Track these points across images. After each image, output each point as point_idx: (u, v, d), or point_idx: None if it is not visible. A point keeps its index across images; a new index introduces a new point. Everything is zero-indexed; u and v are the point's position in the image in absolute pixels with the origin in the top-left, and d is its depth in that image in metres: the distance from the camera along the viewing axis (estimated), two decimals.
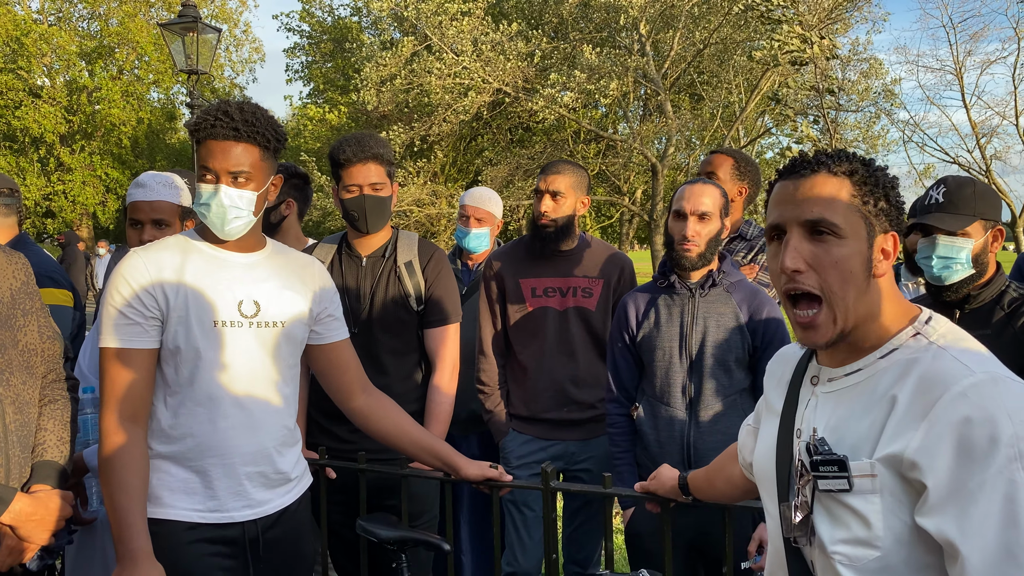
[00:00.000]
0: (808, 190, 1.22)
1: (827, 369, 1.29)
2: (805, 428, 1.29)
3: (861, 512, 1.16)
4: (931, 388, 1.12)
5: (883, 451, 1.14)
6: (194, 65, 9.21)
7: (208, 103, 2.00)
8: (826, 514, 1.21)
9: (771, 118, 21.74)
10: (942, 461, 1.07)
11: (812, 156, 1.25)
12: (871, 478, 1.15)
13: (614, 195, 23.23)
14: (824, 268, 1.19)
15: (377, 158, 2.58)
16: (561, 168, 2.88)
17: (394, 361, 2.43)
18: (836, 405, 1.25)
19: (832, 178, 1.22)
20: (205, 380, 1.87)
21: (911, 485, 1.12)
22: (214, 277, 1.91)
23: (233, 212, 1.87)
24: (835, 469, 1.18)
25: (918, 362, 1.16)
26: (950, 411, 1.08)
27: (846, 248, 1.19)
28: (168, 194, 2.47)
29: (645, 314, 2.56)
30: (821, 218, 1.19)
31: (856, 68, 18.55)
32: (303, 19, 29.40)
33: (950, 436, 1.07)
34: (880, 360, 1.21)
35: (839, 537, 1.19)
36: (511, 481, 2.23)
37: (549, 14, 19.87)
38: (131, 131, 28.03)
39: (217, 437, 1.88)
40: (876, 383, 1.20)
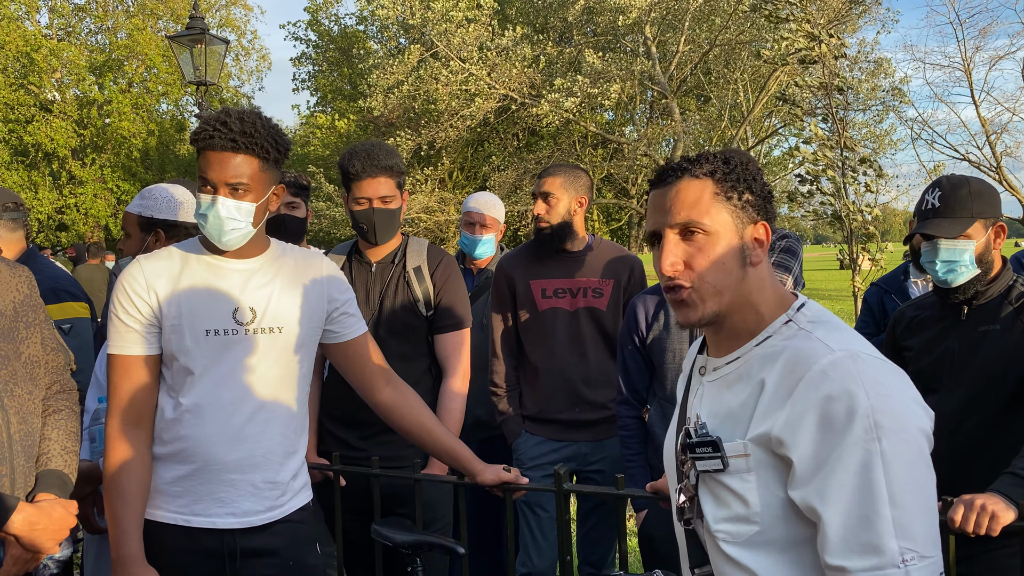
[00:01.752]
0: (675, 196, 1.29)
1: (712, 359, 1.36)
2: (692, 416, 1.36)
3: (738, 491, 1.22)
4: (795, 369, 1.18)
5: (754, 431, 1.21)
6: (202, 76, 9.27)
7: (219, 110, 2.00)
8: (709, 495, 1.28)
9: (779, 118, 21.69)
10: (805, 436, 1.14)
11: (675, 163, 1.33)
12: (744, 457, 1.21)
13: (622, 198, 23.22)
14: (697, 264, 1.27)
15: (387, 171, 2.59)
16: (553, 171, 2.92)
17: (403, 366, 2.43)
18: (717, 392, 1.32)
19: (695, 181, 1.29)
20: (194, 387, 1.89)
21: (781, 461, 1.18)
22: (210, 285, 1.92)
23: (230, 224, 1.87)
24: (709, 450, 1.25)
25: (786, 347, 1.23)
26: (811, 389, 1.15)
27: (717, 244, 1.26)
28: (132, 205, 2.54)
29: (655, 316, 2.56)
30: (689, 220, 1.27)
31: (864, 68, 18.49)
32: (310, 28, 29.56)
33: (812, 412, 1.14)
34: (756, 348, 1.28)
35: (721, 516, 1.25)
36: (526, 484, 2.23)
37: (554, 19, 19.90)
38: (141, 143, 28.20)
39: (202, 444, 1.88)
40: (750, 369, 1.27)
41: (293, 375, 2.01)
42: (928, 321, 2.28)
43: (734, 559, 1.23)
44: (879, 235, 7.82)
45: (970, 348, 2.14)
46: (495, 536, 3.45)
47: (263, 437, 1.94)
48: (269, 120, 1.93)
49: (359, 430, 2.67)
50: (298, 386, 2.04)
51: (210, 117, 1.88)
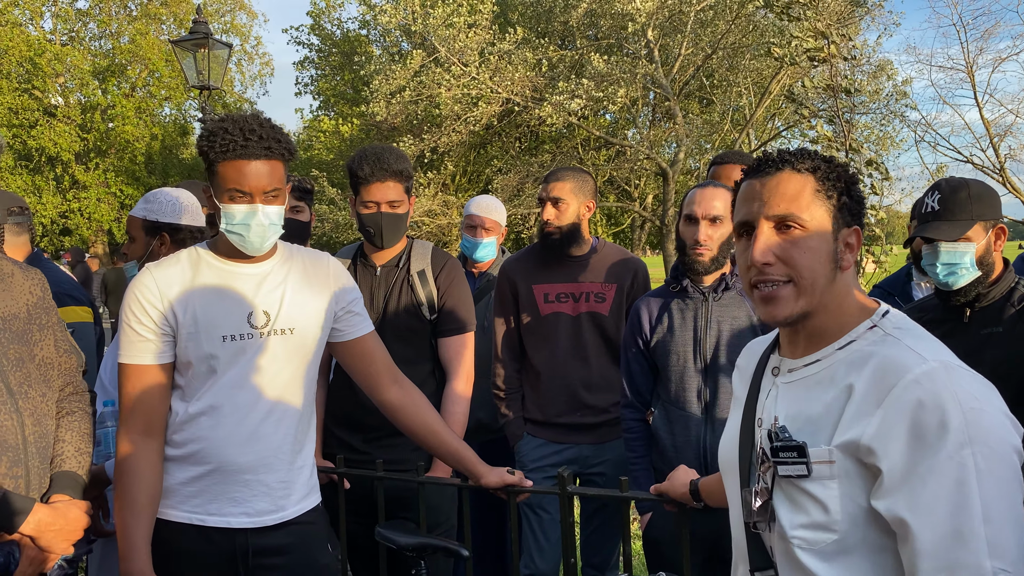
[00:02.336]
0: (774, 187, 1.27)
1: (788, 360, 1.34)
2: (766, 417, 1.33)
3: (819, 497, 1.19)
4: (886, 376, 1.16)
5: (841, 438, 1.18)
6: (206, 81, 9.29)
7: (220, 116, 1.99)
8: (786, 500, 1.25)
9: (782, 120, 21.68)
10: (896, 445, 1.11)
11: (776, 154, 1.30)
12: (829, 464, 1.19)
13: (625, 201, 23.22)
14: (793, 259, 1.24)
15: (397, 175, 2.59)
16: (561, 175, 2.91)
17: (406, 370, 2.43)
18: (796, 394, 1.29)
19: (796, 175, 1.27)
20: (211, 392, 1.91)
21: (867, 470, 1.16)
22: (223, 291, 1.94)
23: (272, 230, 1.91)
24: (794, 455, 1.22)
25: (874, 353, 1.20)
26: (904, 397, 1.12)
27: (812, 241, 1.24)
28: (137, 209, 2.54)
29: (658, 319, 2.56)
30: (788, 213, 1.25)
31: (866, 70, 18.48)
32: (313, 32, 29.62)
33: (904, 421, 1.11)
34: (839, 351, 1.26)
35: (798, 522, 1.22)
36: (529, 487, 2.24)
37: (556, 22, 19.93)
38: (144, 148, 28.28)
39: (217, 445, 1.90)
40: (834, 373, 1.24)
41: (303, 375, 2.03)
42: (930, 324, 2.27)
43: (807, 567, 1.21)
44: (884, 237, 7.82)
45: (973, 351, 2.14)
46: (499, 539, 3.45)
47: (276, 437, 1.96)
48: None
49: (363, 433, 2.68)
50: (307, 386, 2.06)
51: (228, 125, 1.85)
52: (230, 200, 1.87)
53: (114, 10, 28.77)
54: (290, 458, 2.00)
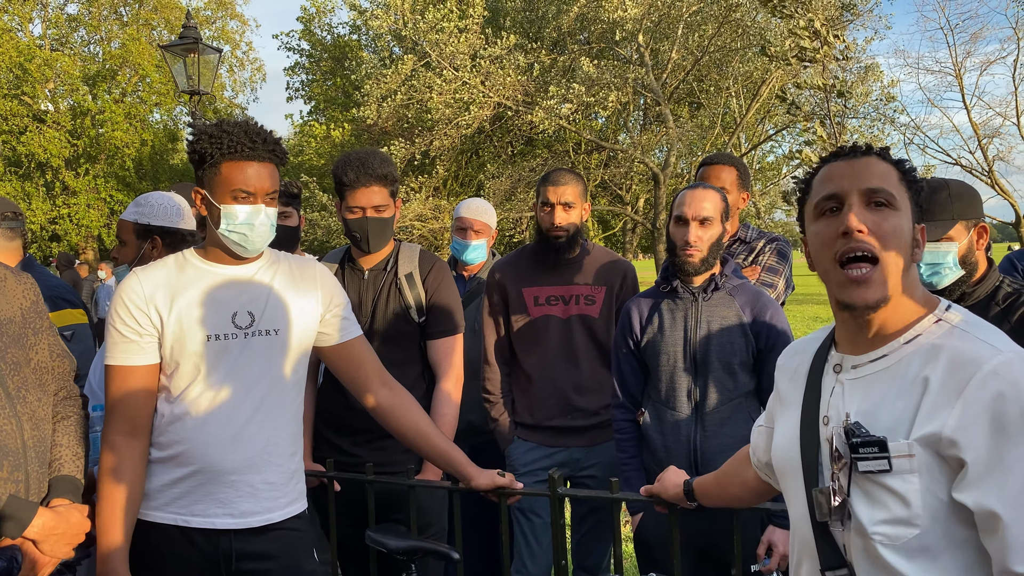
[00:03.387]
0: (864, 166, 1.30)
1: (850, 357, 1.33)
2: (833, 415, 1.32)
3: (900, 492, 1.19)
4: (962, 368, 1.16)
5: (920, 431, 1.18)
6: (196, 86, 9.26)
7: (213, 120, 2.02)
8: (864, 496, 1.24)
9: (772, 123, 21.77)
10: (979, 437, 1.12)
11: (866, 146, 1.34)
12: (909, 458, 1.18)
13: (617, 205, 23.27)
14: (883, 233, 1.26)
15: (381, 180, 2.59)
16: (569, 178, 2.89)
17: (395, 372, 2.44)
18: (867, 390, 1.28)
19: (883, 162, 1.31)
20: (196, 392, 1.92)
21: (947, 463, 1.16)
22: (208, 292, 1.95)
23: (271, 231, 1.96)
24: (875, 450, 1.21)
25: (945, 346, 1.21)
26: (983, 388, 1.13)
27: (901, 219, 1.27)
28: (128, 213, 2.54)
29: (649, 319, 2.57)
30: (881, 187, 1.28)
31: (854, 72, 18.58)
32: (303, 38, 29.61)
33: (985, 412, 1.12)
34: (905, 345, 1.26)
35: (879, 518, 1.21)
36: (520, 489, 2.23)
37: (548, 27, 19.98)
38: (135, 153, 28.20)
39: (201, 446, 1.90)
40: (906, 367, 1.24)
41: (289, 377, 2.03)
42: None
43: (889, 564, 1.20)
44: None
45: None
46: (490, 541, 3.44)
47: (260, 437, 1.96)
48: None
49: (353, 436, 2.67)
50: (294, 388, 2.05)
51: (227, 128, 1.89)
52: (234, 200, 1.90)
53: (104, 16, 28.71)
54: (276, 460, 1.99)
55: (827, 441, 1.31)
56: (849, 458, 1.24)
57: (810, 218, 1.36)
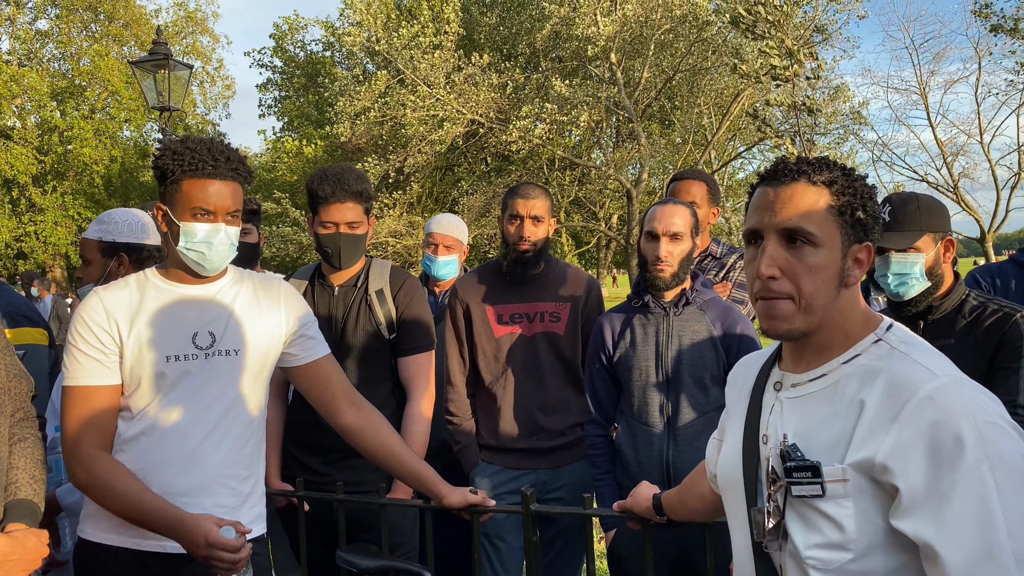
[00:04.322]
0: (788, 198, 1.24)
1: (790, 375, 1.31)
2: (772, 434, 1.30)
3: (834, 517, 1.17)
4: (898, 392, 1.14)
5: (854, 456, 1.15)
6: (166, 102, 9.19)
7: (180, 137, 1.99)
8: (799, 519, 1.22)
9: (742, 141, 22.05)
10: (913, 463, 1.09)
11: (794, 163, 1.27)
12: (843, 483, 1.16)
13: (591, 221, 23.38)
14: (798, 275, 1.22)
15: (356, 196, 2.56)
16: (538, 192, 2.83)
17: (366, 390, 2.42)
18: (804, 411, 1.26)
19: (811, 187, 1.24)
20: (151, 413, 1.88)
21: (883, 488, 1.13)
22: (169, 312, 1.92)
23: (231, 250, 1.93)
24: (809, 475, 1.19)
25: (883, 368, 1.19)
26: (918, 414, 1.10)
27: (820, 257, 1.22)
28: (91, 231, 2.50)
29: (621, 334, 2.57)
30: (798, 227, 1.22)
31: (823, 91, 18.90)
32: (275, 54, 29.54)
33: (920, 439, 1.09)
34: (844, 365, 1.24)
35: (813, 542, 1.20)
36: (493, 506, 2.21)
37: (521, 45, 20.11)
38: (103, 170, 27.85)
39: (154, 467, 1.87)
40: (843, 388, 1.22)
41: (248, 397, 2.00)
42: None
43: None
44: None
45: None
46: (462, 559, 3.40)
47: (214, 460, 1.92)
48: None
49: (322, 455, 2.63)
50: (254, 409, 2.02)
51: (193, 146, 1.86)
52: (193, 218, 1.87)
53: (74, 31, 28.43)
54: (231, 483, 1.95)
55: (766, 460, 1.30)
56: (784, 481, 1.23)
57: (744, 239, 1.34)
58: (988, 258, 24.49)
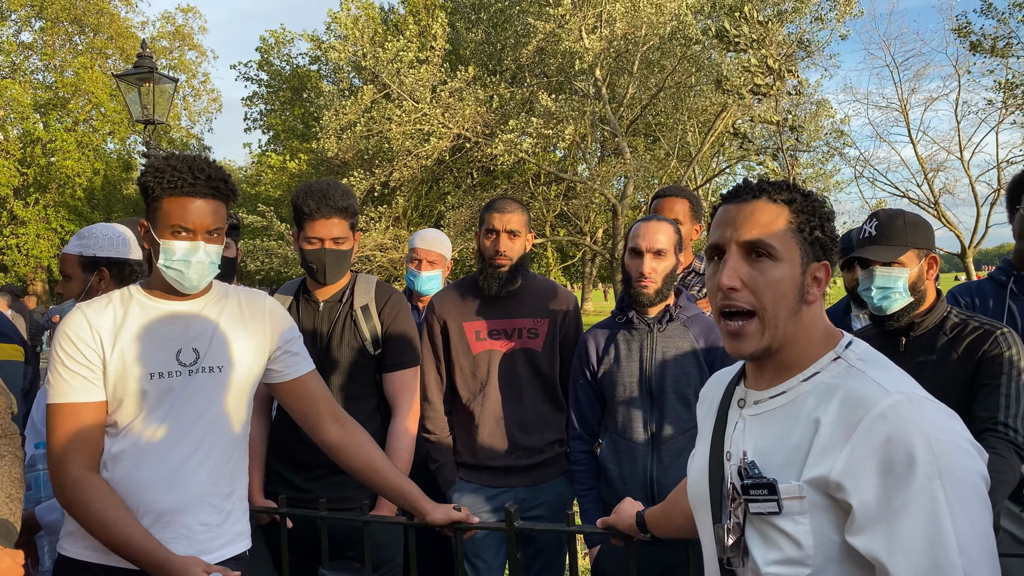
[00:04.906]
0: (749, 214, 1.27)
1: (753, 392, 1.33)
2: (734, 451, 1.32)
3: (791, 533, 1.18)
4: (852, 410, 1.15)
5: (809, 473, 1.17)
6: (150, 115, 9.16)
7: (165, 153, 1.99)
8: (758, 536, 1.24)
9: (726, 158, 22.23)
10: (866, 481, 1.11)
11: (755, 183, 1.30)
12: (799, 500, 1.18)
13: (576, 235, 23.45)
14: (759, 288, 1.25)
15: (342, 212, 2.56)
16: (514, 207, 2.81)
17: (351, 406, 2.40)
18: (763, 428, 1.28)
19: (772, 205, 1.27)
20: (135, 430, 1.87)
21: (838, 504, 1.15)
22: (152, 328, 1.91)
23: (211, 268, 1.91)
24: (765, 493, 1.21)
25: (840, 385, 1.20)
26: (871, 432, 1.12)
27: (780, 271, 1.25)
28: (71, 246, 2.48)
29: (605, 350, 2.58)
30: (759, 240, 1.25)
31: (807, 109, 19.11)
32: (261, 68, 29.53)
33: (872, 456, 1.11)
34: (803, 383, 1.26)
35: (772, 558, 1.21)
36: (477, 523, 2.20)
37: (507, 60, 20.21)
38: (86, 182, 27.67)
39: (137, 485, 1.85)
40: (800, 406, 1.24)
41: (232, 414, 1.99)
42: None
43: None
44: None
45: None
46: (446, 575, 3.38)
47: (197, 478, 1.90)
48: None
49: (306, 471, 2.62)
50: (237, 425, 2.01)
51: (175, 163, 1.86)
52: (172, 236, 1.86)
53: (58, 44, 28.31)
54: (214, 500, 1.94)
55: (728, 476, 1.31)
56: (742, 498, 1.24)
57: (706, 256, 1.36)
58: (969, 273, 24.75)
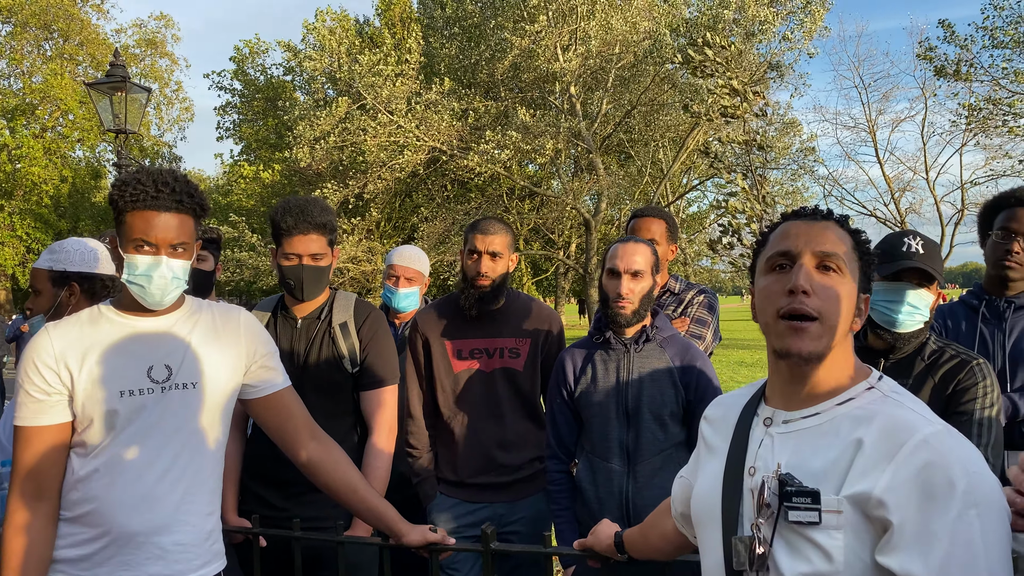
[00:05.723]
0: (821, 230, 1.35)
1: (782, 412, 1.37)
2: (761, 465, 1.34)
3: (824, 546, 1.21)
4: (896, 433, 1.20)
5: (851, 489, 1.20)
6: (122, 125, 9.05)
7: (137, 162, 1.96)
8: (787, 547, 1.26)
9: (697, 175, 22.48)
10: (907, 501, 1.15)
11: (827, 211, 1.40)
12: (837, 514, 1.21)
13: (549, 249, 23.53)
14: (827, 297, 1.31)
15: (320, 228, 2.55)
16: (498, 228, 2.84)
17: (328, 424, 2.39)
18: (797, 444, 1.31)
19: (839, 228, 1.37)
20: (108, 449, 1.85)
21: (873, 524, 1.18)
22: (122, 345, 1.89)
23: (174, 284, 1.88)
24: (808, 501, 1.23)
25: (878, 412, 1.25)
26: (915, 455, 1.16)
27: (845, 286, 1.32)
28: (41, 261, 2.45)
29: (582, 370, 2.59)
30: (834, 252, 1.33)
31: (777, 128, 19.39)
32: (235, 77, 29.35)
33: (915, 479, 1.15)
34: (838, 407, 1.30)
35: (800, 570, 1.23)
36: (452, 544, 2.19)
37: (481, 74, 20.29)
38: (53, 190, 27.22)
39: (110, 506, 1.83)
40: (837, 426, 1.28)
41: (207, 431, 1.97)
42: None
43: None
44: None
45: None
46: None
47: (172, 498, 1.88)
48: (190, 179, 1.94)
49: (282, 489, 2.59)
50: (212, 443, 1.98)
51: (142, 177, 1.84)
52: (135, 250, 1.84)
53: (27, 49, 27.88)
54: (191, 520, 1.92)
55: (751, 491, 1.33)
56: (778, 507, 1.26)
57: (762, 270, 1.40)
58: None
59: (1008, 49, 19.76)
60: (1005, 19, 19.58)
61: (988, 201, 2.77)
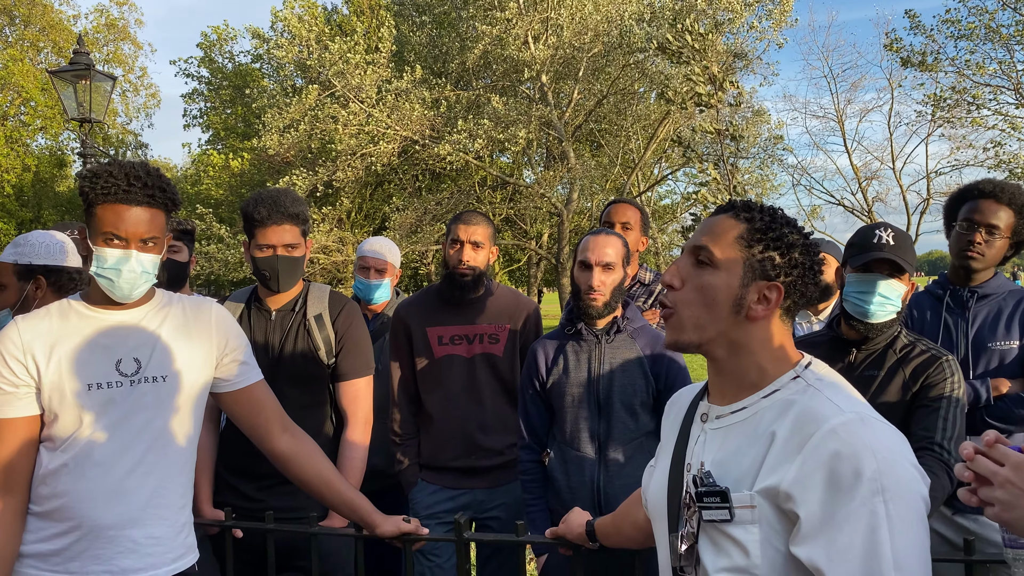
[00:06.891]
0: (710, 224, 1.37)
1: (715, 407, 1.39)
2: (695, 462, 1.37)
3: (741, 541, 1.24)
4: (805, 425, 1.21)
5: (762, 483, 1.23)
6: (86, 113, 8.89)
7: (103, 151, 1.95)
8: (710, 543, 1.29)
9: (669, 164, 22.58)
10: (813, 493, 1.16)
11: (737, 202, 1.40)
12: (750, 509, 1.23)
13: (521, 239, 23.53)
14: (690, 288, 1.34)
15: (293, 218, 2.56)
16: (480, 220, 2.94)
17: (303, 416, 2.40)
18: (723, 440, 1.34)
19: (731, 219, 1.36)
20: (74, 443, 1.84)
21: (786, 516, 1.20)
22: (91, 339, 1.88)
23: (144, 278, 1.88)
24: (718, 500, 1.26)
25: (796, 402, 1.27)
26: (821, 446, 1.18)
27: (716, 278, 1.32)
28: (6, 255, 2.43)
29: (554, 361, 2.62)
30: (702, 244, 1.34)
31: (746, 116, 19.53)
32: (203, 64, 28.89)
33: (821, 470, 1.16)
34: (763, 400, 1.32)
35: (721, 565, 1.27)
36: (426, 535, 2.22)
37: (452, 63, 20.17)
38: (15, 179, 26.65)
39: (80, 500, 1.83)
40: (759, 420, 1.30)
41: (178, 425, 1.97)
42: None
43: None
44: None
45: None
46: None
47: (143, 491, 1.88)
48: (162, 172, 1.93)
49: (256, 481, 2.60)
50: (183, 437, 1.99)
51: (113, 170, 1.83)
52: (104, 243, 1.84)
53: None
54: (163, 513, 1.92)
55: (686, 486, 1.37)
56: (696, 506, 1.30)
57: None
58: None
59: (971, 41, 20.08)
60: (969, 9, 19.87)
61: (953, 193, 2.83)
